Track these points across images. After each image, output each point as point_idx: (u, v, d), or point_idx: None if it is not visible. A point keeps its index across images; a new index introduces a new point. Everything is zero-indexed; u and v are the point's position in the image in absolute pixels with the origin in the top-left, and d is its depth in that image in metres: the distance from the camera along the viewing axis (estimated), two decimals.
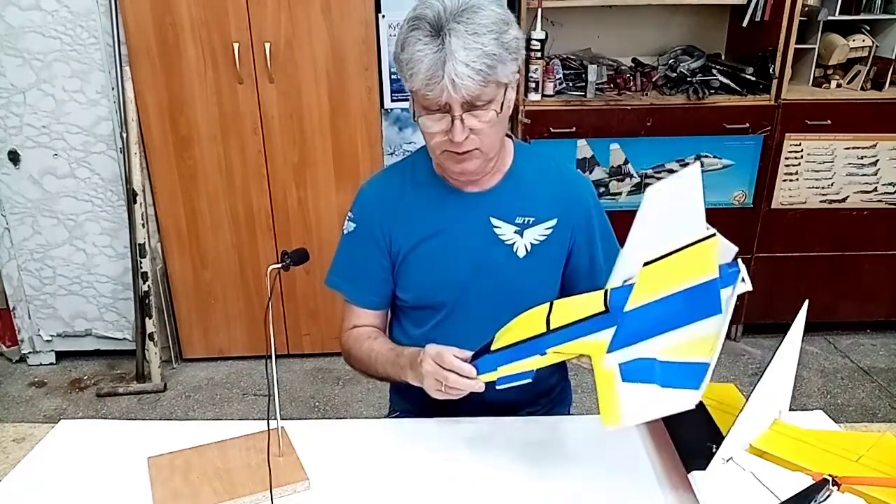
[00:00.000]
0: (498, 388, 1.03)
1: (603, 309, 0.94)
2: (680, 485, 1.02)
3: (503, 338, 1.03)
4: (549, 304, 1.00)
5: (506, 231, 1.24)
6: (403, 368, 1.17)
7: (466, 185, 1.24)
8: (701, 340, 0.90)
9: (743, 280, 0.90)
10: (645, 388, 0.91)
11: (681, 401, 0.87)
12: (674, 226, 0.97)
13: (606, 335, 0.95)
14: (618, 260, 1.04)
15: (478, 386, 1.05)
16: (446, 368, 1.06)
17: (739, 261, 0.92)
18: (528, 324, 1.00)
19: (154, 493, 1.03)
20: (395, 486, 1.06)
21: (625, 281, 1.00)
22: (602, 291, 0.97)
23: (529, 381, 1.03)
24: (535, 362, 1.00)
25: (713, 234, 0.89)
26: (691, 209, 0.98)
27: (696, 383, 0.88)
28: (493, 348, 1.03)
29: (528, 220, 1.24)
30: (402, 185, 1.28)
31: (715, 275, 0.89)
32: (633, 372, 0.92)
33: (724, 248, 0.96)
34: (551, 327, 0.97)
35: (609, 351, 0.93)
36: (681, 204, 0.99)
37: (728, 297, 0.89)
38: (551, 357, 0.99)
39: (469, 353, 1.08)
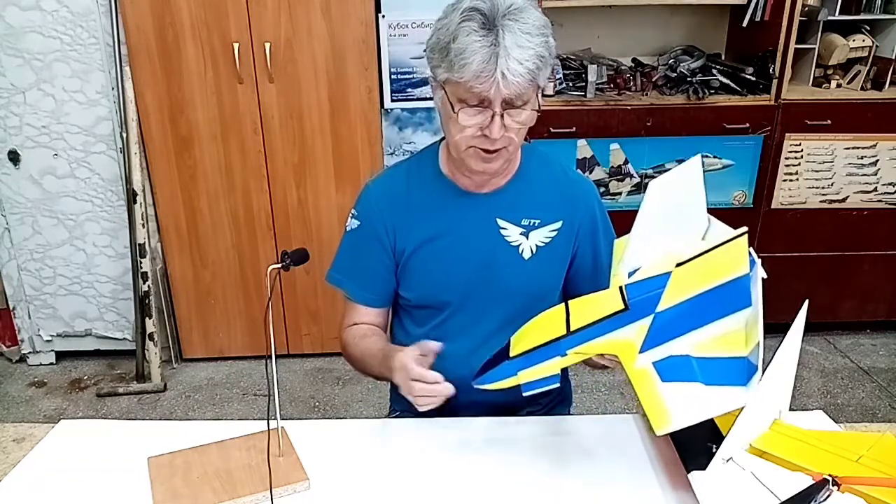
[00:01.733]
0: (524, 394, 1.03)
1: (623, 307, 0.94)
2: (680, 485, 1.02)
3: (521, 343, 1.02)
4: (563, 305, 1.00)
5: (512, 232, 1.24)
6: (391, 371, 1.17)
7: (475, 186, 1.24)
8: (732, 334, 0.92)
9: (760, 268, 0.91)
10: (688, 387, 0.91)
11: (729, 400, 0.87)
12: (676, 216, 0.98)
13: (629, 332, 0.95)
14: (624, 252, 1.05)
15: (447, 390, 1.05)
16: (412, 378, 1.06)
17: (751, 249, 0.93)
18: (545, 327, 1.00)
19: (154, 493, 1.03)
20: (395, 486, 1.06)
21: (630, 274, 1.00)
22: (616, 289, 0.97)
23: (557, 385, 1.03)
24: (555, 364, 1.00)
25: (745, 232, 0.89)
26: (693, 200, 0.99)
27: (741, 379, 0.88)
28: (511, 354, 1.02)
29: (534, 223, 1.25)
30: (408, 183, 1.27)
31: (746, 271, 0.89)
32: (670, 370, 0.92)
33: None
34: (572, 329, 0.97)
35: (641, 351, 0.93)
36: (683, 195, 1.00)
37: (752, 286, 0.90)
38: (572, 357, 0.99)
39: (437, 345, 1.08)
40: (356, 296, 1.32)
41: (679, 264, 0.89)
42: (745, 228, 0.90)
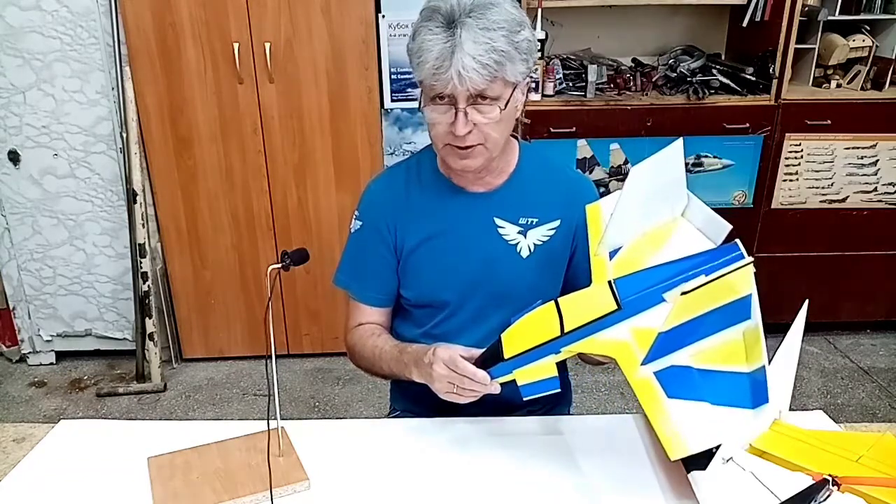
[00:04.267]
0: (525, 398, 1.03)
1: (616, 308, 0.94)
2: (680, 485, 1.02)
3: (515, 344, 1.01)
4: (553, 304, 1.00)
5: (510, 231, 1.25)
6: (408, 366, 1.17)
7: (470, 184, 1.25)
8: (729, 344, 0.92)
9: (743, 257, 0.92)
10: (695, 406, 0.91)
11: (738, 424, 0.88)
12: (658, 197, 1.01)
13: (624, 331, 0.95)
14: (591, 224, 1.08)
15: (493, 389, 1.05)
16: (460, 373, 1.05)
17: (738, 241, 0.93)
18: (538, 328, 1.00)
19: (154, 493, 1.03)
20: (396, 486, 1.06)
21: (612, 254, 1.03)
22: (605, 285, 0.97)
23: (558, 390, 1.03)
24: (549, 360, 1.01)
25: (751, 261, 0.89)
26: (673, 180, 1.01)
27: (745, 400, 0.89)
28: (506, 356, 1.02)
29: (532, 221, 1.25)
30: (408, 182, 1.28)
31: (749, 292, 0.89)
32: (673, 382, 0.92)
33: (719, 227, 0.97)
34: (566, 331, 0.97)
35: (644, 363, 0.94)
36: (664, 177, 1.01)
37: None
38: (564, 354, 1.00)
39: (476, 351, 1.07)
40: (361, 296, 1.32)
41: (684, 292, 0.89)
42: (750, 259, 0.89)
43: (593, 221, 1.10)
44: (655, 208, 1.03)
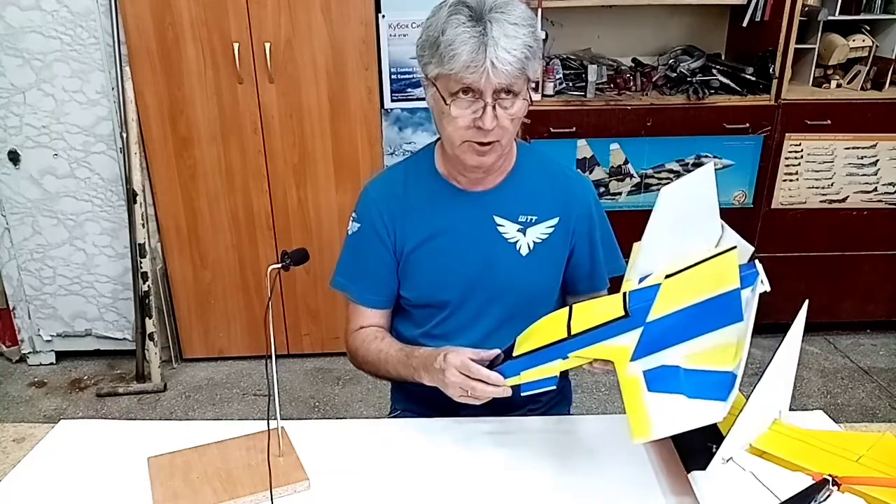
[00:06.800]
0: (523, 394, 1.03)
1: (623, 314, 0.94)
2: (680, 485, 1.02)
3: (525, 343, 1.02)
4: (568, 308, 1.01)
5: (509, 229, 1.25)
6: (416, 370, 1.17)
7: (471, 185, 1.25)
8: (723, 347, 0.92)
9: (762, 282, 0.91)
10: (671, 398, 0.91)
11: (708, 413, 0.88)
12: (688, 223, 0.99)
13: (627, 339, 0.95)
14: (632, 257, 1.06)
15: (504, 392, 1.05)
16: (473, 378, 1.06)
17: (757, 262, 0.93)
18: (548, 329, 1.00)
19: (154, 493, 1.03)
20: (396, 486, 1.06)
21: (640, 279, 1.01)
22: (621, 295, 0.97)
23: (554, 387, 1.03)
24: (557, 366, 1.01)
25: (734, 247, 0.89)
26: (705, 207, 0.99)
27: (723, 394, 0.88)
28: (515, 354, 1.02)
29: (531, 219, 1.25)
30: (406, 183, 1.28)
31: (736, 285, 0.89)
32: (658, 380, 0.93)
33: (741, 249, 0.97)
34: (572, 332, 0.97)
35: (633, 359, 0.94)
36: (694, 202, 1.00)
37: (748, 300, 0.90)
38: (573, 361, 1.00)
39: (485, 353, 1.08)
40: (361, 298, 1.32)
41: (668, 276, 0.89)
42: (733, 244, 0.90)
43: (634, 257, 1.09)
44: (686, 234, 1.01)
